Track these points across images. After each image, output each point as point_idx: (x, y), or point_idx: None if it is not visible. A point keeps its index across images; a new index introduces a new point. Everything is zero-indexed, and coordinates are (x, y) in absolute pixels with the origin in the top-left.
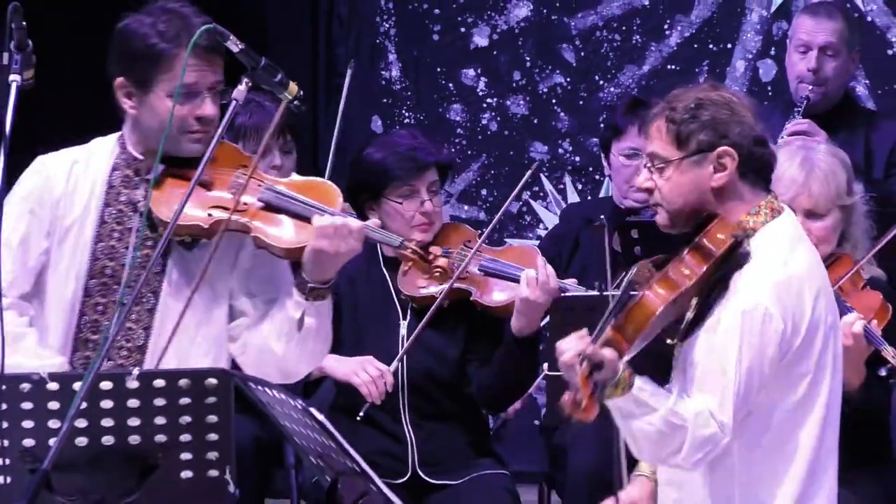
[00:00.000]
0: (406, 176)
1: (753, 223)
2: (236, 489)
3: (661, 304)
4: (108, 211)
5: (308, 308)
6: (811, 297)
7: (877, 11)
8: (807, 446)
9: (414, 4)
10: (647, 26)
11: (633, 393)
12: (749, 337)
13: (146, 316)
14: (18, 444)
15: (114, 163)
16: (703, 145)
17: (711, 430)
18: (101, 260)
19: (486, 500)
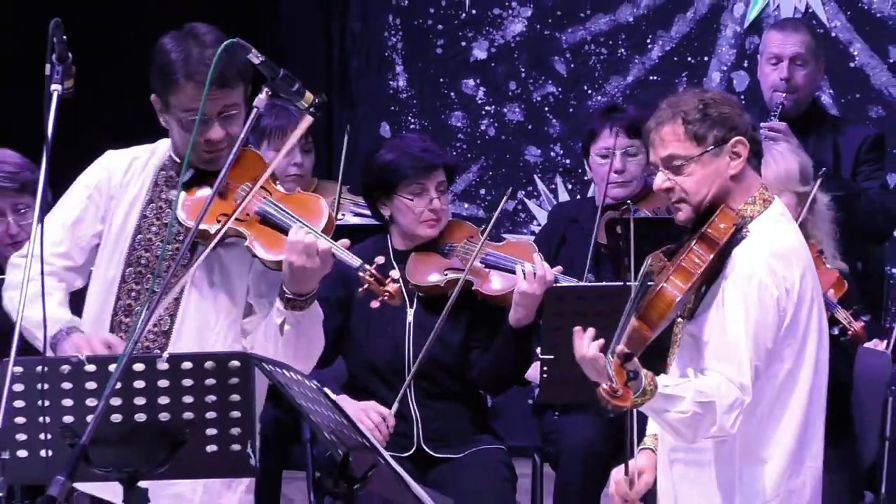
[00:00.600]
0: (417, 175)
1: (751, 211)
2: (257, 462)
3: (679, 293)
4: (150, 206)
5: (288, 316)
6: (799, 270)
7: (840, 27)
8: (797, 410)
9: (419, 21)
10: (631, 41)
11: (659, 392)
12: (751, 306)
13: (173, 304)
14: (59, 421)
15: (162, 163)
16: (718, 139)
17: (734, 394)
18: (138, 250)
19: (484, 472)
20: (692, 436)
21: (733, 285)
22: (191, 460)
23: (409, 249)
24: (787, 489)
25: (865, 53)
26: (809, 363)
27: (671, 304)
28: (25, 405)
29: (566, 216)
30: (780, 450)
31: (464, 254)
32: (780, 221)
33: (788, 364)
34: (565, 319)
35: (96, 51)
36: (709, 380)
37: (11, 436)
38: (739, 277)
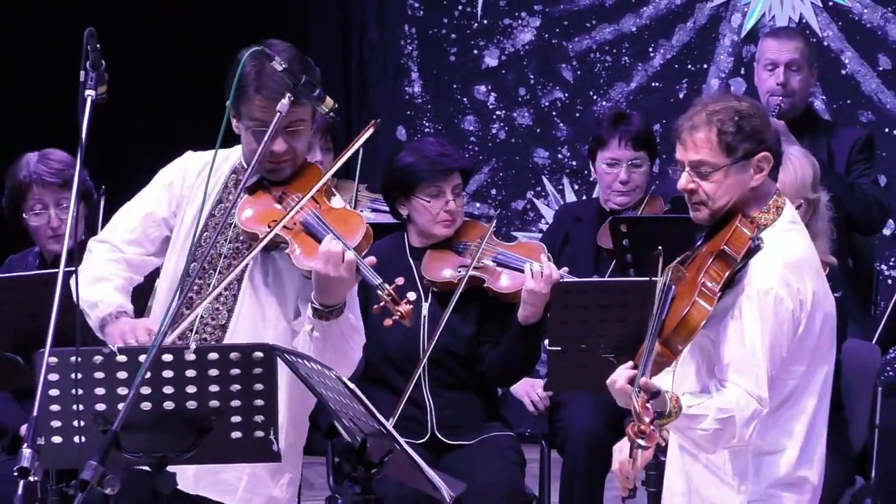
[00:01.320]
0: (434, 178)
1: (764, 220)
2: (279, 448)
3: (705, 317)
4: (219, 206)
5: (315, 325)
6: (811, 278)
7: (832, 37)
8: (809, 405)
9: (433, 30)
10: (635, 49)
11: (684, 413)
12: (766, 319)
13: (231, 300)
14: (92, 409)
15: (234, 167)
16: (748, 152)
17: (752, 407)
18: (203, 246)
19: (495, 457)
20: (713, 449)
21: (750, 299)
22: (216, 446)
23: (424, 247)
24: (799, 476)
25: (856, 61)
26: (823, 365)
27: (696, 329)
28: (60, 394)
29: (571, 216)
30: (793, 441)
31: (475, 252)
32: (791, 230)
33: (802, 367)
34: (571, 313)
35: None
36: (729, 394)
37: (47, 423)
38: (756, 290)
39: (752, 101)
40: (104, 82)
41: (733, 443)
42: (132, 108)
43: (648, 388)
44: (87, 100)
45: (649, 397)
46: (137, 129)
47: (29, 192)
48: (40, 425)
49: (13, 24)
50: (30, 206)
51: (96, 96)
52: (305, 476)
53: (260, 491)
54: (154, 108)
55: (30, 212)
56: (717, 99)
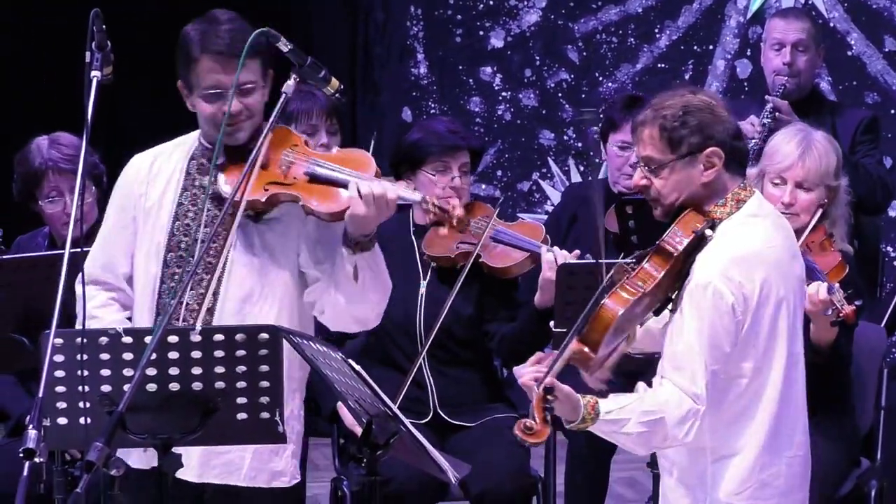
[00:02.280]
0: (441, 153)
1: (720, 213)
2: (284, 429)
3: (620, 309)
4: (185, 194)
5: (358, 260)
6: (761, 273)
7: (838, 18)
8: (768, 405)
9: (439, 11)
10: (640, 31)
11: (602, 419)
12: (704, 313)
13: (216, 283)
14: (97, 390)
15: (192, 153)
16: (693, 147)
17: (686, 405)
18: (177, 236)
19: (500, 439)
20: (643, 451)
21: (689, 293)
22: (222, 427)
23: (428, 224)
24: (759, 481)
25: (862, 43)
26: (780, 359)
27: (610, 322)
28: (66, 375)
29: (578, 196)
30: (751, 444)
31: (477, 230)
32: (747, 223)
33: (753, 363)
34: (576, 294)
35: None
36: (659, 394)
37: (52, 404)
38: (695, 286)
39: (706, 95)
40: (110, 63)
41: (668, 443)
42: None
43: (546, 384)
44: (92, 80)
45: (546, 393)
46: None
47: (44, 180)
48: (46, 406)
49: None
50: (45, 193)
51: (102, 77)
52: (311, 458)
53: (264, 467)
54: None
55: (45, 199)
56: (671, 94)
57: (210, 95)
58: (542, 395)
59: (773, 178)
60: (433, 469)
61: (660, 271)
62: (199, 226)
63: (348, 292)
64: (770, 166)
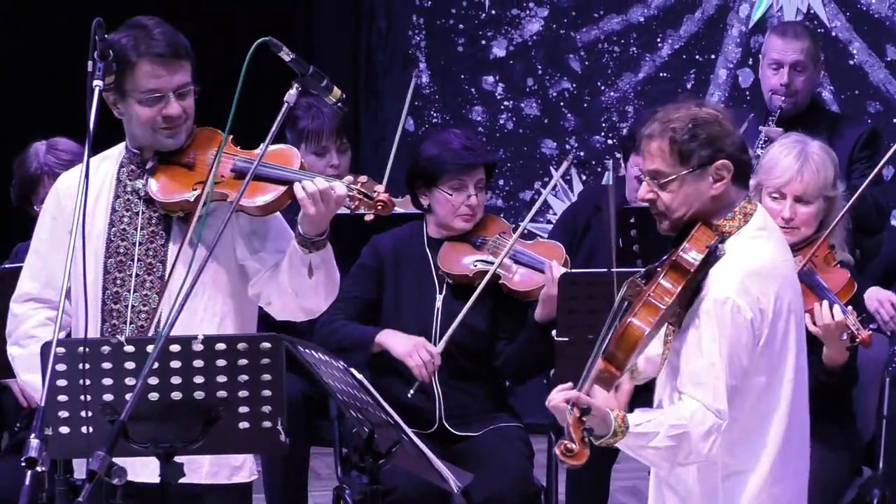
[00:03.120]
0: (458, 172)
1: (729, 227)
2: (287, 438)
3: (646, 329)
4: (118, 200)
5: (313, 258)
6: (775, 286)
7: (840, 27)
8: (779, 419)
9: (441, 20)
10: (643, 40)
11: (631, 431)
12: (724, 329)
13: (158, 283)
14: (99, 399)
15: (121, 161)
16: (703, 160)
17: (710, 420)
18: (115, 241)
19: (503, 448)
20: (668, 466)
21: (707, 307)
22: (224, 436)
23: (442, 238)
24: (770, 495)
25: (864, 52)
26: (789, 373)
27: (637, 341)
28: (68, 384)
29: (592, 204)
30: (763, 460)
31: (494, 248)
32: (757, 237)
33: (765, 378)
34: (579, 303)
35: None
36: (683, 409)
37: (54, 413)
38: (714, 300)
39: (714, 108)
40: (112, 72)
41: (691, 459)
42: None
43: (580, 404)
44: (94, 90)
45: (581, 414)
46: None
47: (40, 185)
48: (48, 416)
49: None
50: (41, 198)
51: (104, 86)
52: (313, 466)
53: (223, 462)
54: None
55: (40, 204)
56: (677, 106)
57: (150, 99)
58: (577, 416)
59: (771, 193)
60: (435, 478)
61: (676, 287)
62: (135, 229)
63: (301, 287)
64: (768, 181)
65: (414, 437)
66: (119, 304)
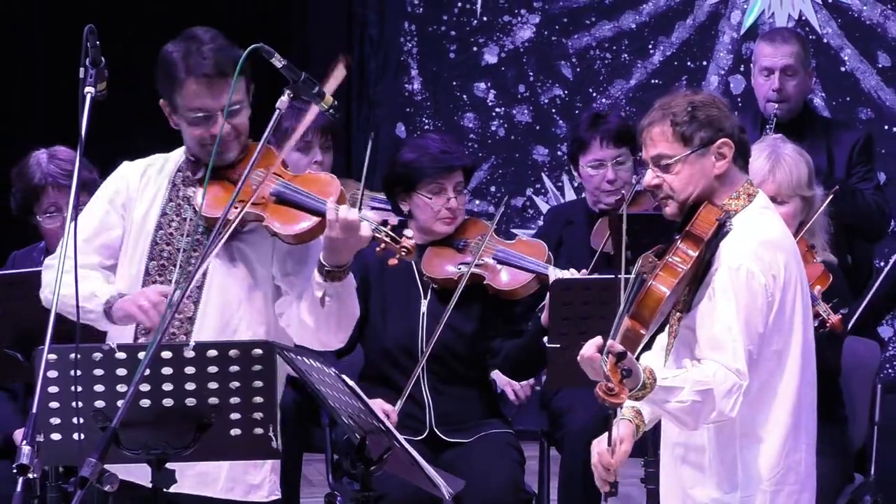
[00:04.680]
0: (436, 175)
1: (735, 206)
2: (279, 444)
3: (668, 289)
4: (170, 204)
5: (328, 288)
6: (783, 257)
7: (831, 34)
8: (790, 388)
9: (433, 27)
10: (634, 46)
11: (659, 385)
12: (740, 294)
13: (196, 292)
14: (91, 406)
15: (178, 166)
16: (705, 140)
17: (731, 379)
18: (160, 244)
19: (494, 454)
20: (694, 423)
21: (722, 276)
22: (216, 443)
23: (425, 243)
24: (786, 465)
25: (855, 58)
26: (797, 343)
27: (660, 300)
28: (59, 391)
29: (562, 218)
30: (777, 428)
31: (477, 249)
32: (763, 213)
33: (777, 346)
34: (571, 309)
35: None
36: (706, 368)
37: (46, 420)
38: (727, 268)
39: (709, 94)
40: (104, 79)
41: (713, 417)
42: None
43: (614, 350)
44: (86, 97)
45: (617, 359)
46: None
47: (43, 195)
48: (40, 422)
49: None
50: (44, 208)
51: (96, 93)
52: (304, 473)
53: (241, 479)
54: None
55: (43, 214)
56: (672, 95)
57: (197, 119)
58: (614, 360)
59: None
60: (427, 484)
61: (693, 252)
62: (182, 235)
63: (314, 316)
64: None
65: (405, 444)
66: None
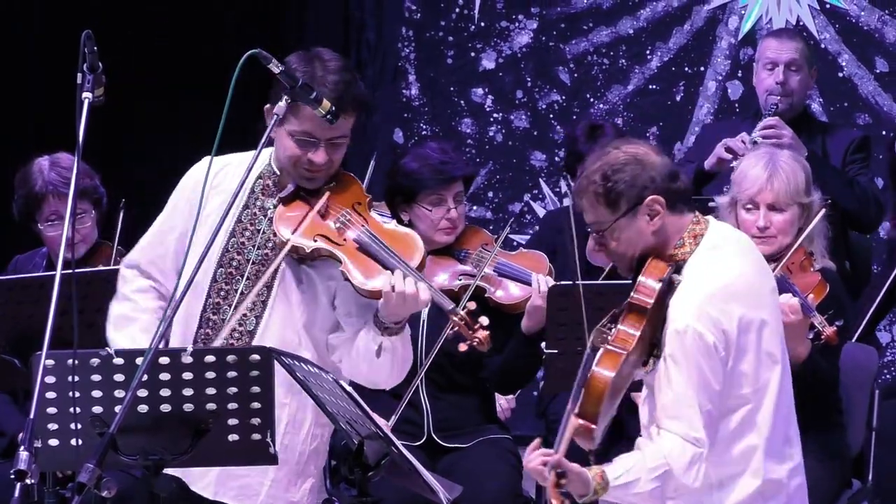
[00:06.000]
0: (436, 187)
1: (681, 254)
2: (276, 450)
3: (610, 375)
4: (246, 212)
5: (384, 342)
6: (734, 303)
7: (829, 40)
8: (765, 424)
9: (431, 33)
10: (632, 52)
11: (612, 486)
12: (689, 358)
13: (260, 307)
14: (89, 411)
15: (261, 172)
16: (631, 202)
17: (689, 452)
18: (231, 252)
19: (492, 460)
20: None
21: (671, 340)
22: (213, 449)
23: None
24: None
25: (853, 64)
26: (775, 377)
27: (603, 391)
28: (57, 396)
29: (554, 226)
30: (753, 461)
31: (478, 261)
32: (711, 257)
33: (747, 389)
34: (568, 315)
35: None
36: (661, 446)
37: (44, 425)
38: (674, 331)
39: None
40: (101, 85)
41: (679, 492)
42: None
43: (558, 467)
44: (84, 102)
45: (559, 477)
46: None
47: (44, 203)
48: (37, 428)
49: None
50: (45, 216)
51: (94, 99)
52: None
53: (281, 496)
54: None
55: (45, 222)
56: (596, 156)
57: (301, 141)
58: (555, 480)
59: (745, 204)
60: (424, 490)
61: (637, 328)
62: (253, 247)
63: (367, 362)
64: (740, 193)
65: (403, 449)
66: (217, 316)
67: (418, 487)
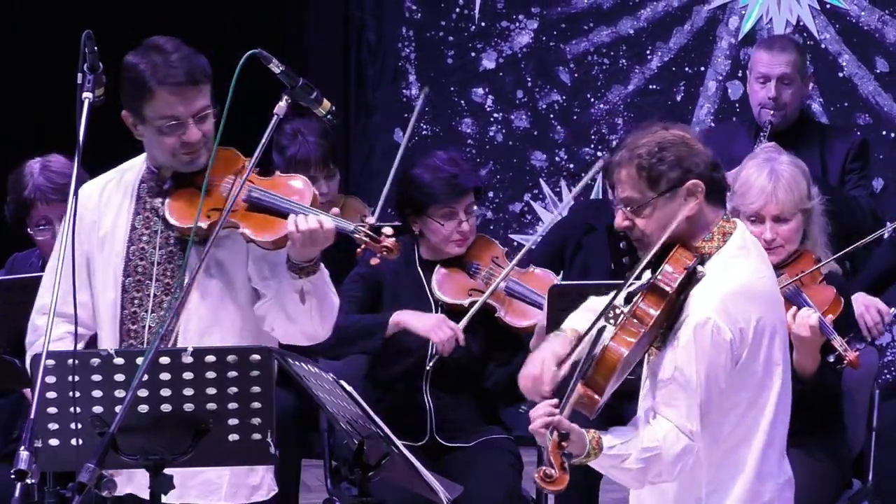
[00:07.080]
0: (448, 200)
1: (708, 248)
2: (277, 450)
3: (624, 352)
4: (138, 218)
5: (305, 284)
6: (755, 306)
7: (829, 40)
8: (761, 436)
9: (431, 33)
10: (632, 52)
11: (604, 454)
12: (702, 349)
13: (176, 303)
14: (89, 411)
15: (141, 177)
16: (672, 182)
17: (682, 443)
18: (133, 260)
19: (493, 460)
20: (637, 485)
21: (687, 330)
22: (213, 449)
23: (435, 260)
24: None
25: (853, 64)
26: (775, 389)
27: (616, 365)
28: (57, 396)
29: (583, 222)
30: (745, 473)
31: (489, 277)
32: (737, 256)
33: (750, 393)
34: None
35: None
36: (656, 430)
37: (44, 425)
38: (694, 322)
39: (679, 129)
40: (102, 84)
41: (661, 479)
42: None
43: (560, 428)
44: (84, 102)
45: (561, 439)
46: None
47: (33, 209)
48: (37, 428)
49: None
50: (34, 222)
51: (94, 99)
52: (303, 479)
53: (242, 482)
54: None
55: (35, 227)
56: (642, 132)
57: (170, 127)
58: (557, 441)
59: (749, 217)
60: (425, 490)
61: (655, 310)
62: (154, 248)
63: (296, 313)
64: (743, 206)
65: (403, 449)
66: (137, 325)
67: (419, 487)
